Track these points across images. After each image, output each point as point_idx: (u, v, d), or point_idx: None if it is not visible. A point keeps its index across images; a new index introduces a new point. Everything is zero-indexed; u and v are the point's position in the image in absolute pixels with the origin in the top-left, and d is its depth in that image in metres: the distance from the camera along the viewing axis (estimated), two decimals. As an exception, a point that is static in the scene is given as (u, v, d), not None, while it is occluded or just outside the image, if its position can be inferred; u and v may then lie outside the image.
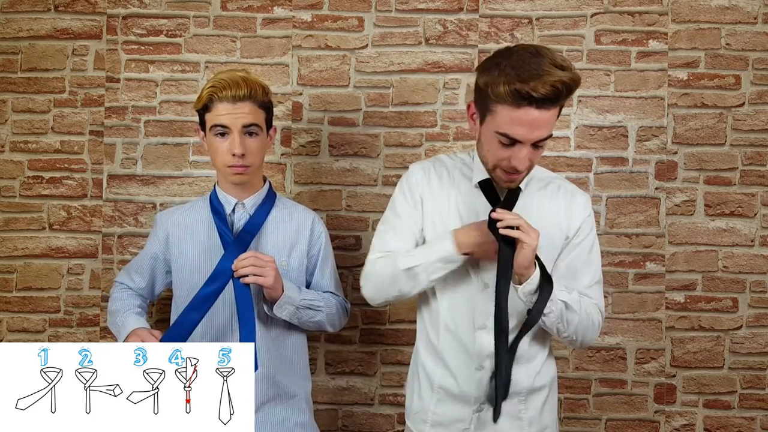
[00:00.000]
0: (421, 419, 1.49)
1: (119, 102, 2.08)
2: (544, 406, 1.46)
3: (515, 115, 1.22)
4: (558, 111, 1.27)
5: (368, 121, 2.08)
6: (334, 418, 2.07)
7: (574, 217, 1.43)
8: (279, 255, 1.58)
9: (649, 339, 2.04)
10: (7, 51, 2.09)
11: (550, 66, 1.20)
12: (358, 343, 2.08)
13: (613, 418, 2.05)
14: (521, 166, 1.28)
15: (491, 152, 1.31)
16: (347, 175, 2.08)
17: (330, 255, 1.72)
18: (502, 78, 1.21)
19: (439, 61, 2.07)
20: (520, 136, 1.24)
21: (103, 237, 2.08)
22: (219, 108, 1.50)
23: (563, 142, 2.06)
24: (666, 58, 2.05)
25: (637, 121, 2.05)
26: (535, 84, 1.18)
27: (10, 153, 2.08)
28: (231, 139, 1.50)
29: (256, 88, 1.52)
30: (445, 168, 1.48)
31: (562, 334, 1.38)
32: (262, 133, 1.55)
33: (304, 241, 1.64)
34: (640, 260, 2.05)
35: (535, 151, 1.28)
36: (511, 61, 1.23)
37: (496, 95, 1.23)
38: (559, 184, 1.47)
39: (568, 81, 1.20)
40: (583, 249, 1.43)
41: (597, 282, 1.45)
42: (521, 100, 1.20)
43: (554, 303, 1.32)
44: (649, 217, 2.05)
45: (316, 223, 1.68)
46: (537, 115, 1.22)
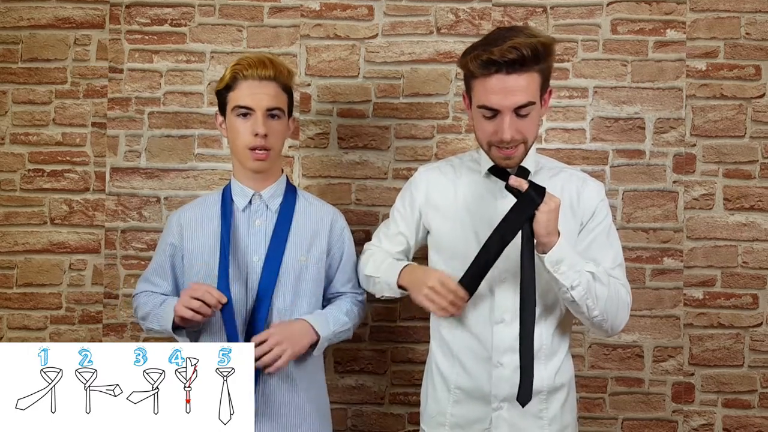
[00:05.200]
0: (438, 422, 1.47)
1: (122, 93, 2.05)
2: (565, 405, 1.44)
3: (488, 84, 1.26)
4: (538, 78, 1.28)
5: (378, 112, 2.05)
6: (344, 417, 2.04)
7: (587, 202, 1.42)
8: (297, 251, 1.53)
9: (666, 336, 2.01)
10: (7, 41, 2.06)
11: (518, 33, 1.26)
12: (368, 341, 2.05)
13: (630, 417, 2.02)
14: (507, 135, 1.28)
15: (480, 130, 1.34)
16: (357, 168, 2.05)
17: (353, 253, 1.66)
18: (473, 53, 1.27)
19: (452, 51, 2.04)
20: (497, 104, 1.27)
21: (106, 232, 2.05)
22: (243, 87, 1.45)
23: (578, 134, 2.03)
24: (684, 47, 2.02)
25: (655, 112, 2.02)
26: (499, 49, 1.23)
27: (10, 145, 2.06)
28: (254, 119, 1.44)
29: (281, 70, 1.48)
30: (451, 166, 1.52)
31: (592, 313, 1.34)
32: (284, 117, 1.50)
33: (324, 237, 1.58)
34: (657, 255, 2.02)
35: (521, 121, 1.29)
36: (484, 39, 1.31)
37: (471, 72, 1.29)
38: (570, 172, 1.48)
39: (535, 43, 1.24)
40: (600, 232, 1.42)
41: (619, 265, 1.43)
42: (490, 67, 1.25)
43: (581, 274, 1.30)
44: (667, 211, 2.02)
45: (337, 219, 1.62)
46: (509, 81, 1.25)
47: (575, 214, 1.42)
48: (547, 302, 1.41)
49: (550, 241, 1.27)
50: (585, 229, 1.42)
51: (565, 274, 1.29)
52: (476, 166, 1.47)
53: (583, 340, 2.02)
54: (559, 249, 1.28)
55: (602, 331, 1.40)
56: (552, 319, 1.43)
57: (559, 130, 2.03)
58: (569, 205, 1.41)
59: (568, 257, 1.29)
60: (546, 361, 1.41)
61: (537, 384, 1.38)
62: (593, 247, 1.41)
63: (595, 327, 1.40)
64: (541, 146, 2.02)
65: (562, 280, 1.29)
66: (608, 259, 1.40)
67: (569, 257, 1.29)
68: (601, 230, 1.42)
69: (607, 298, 1.34)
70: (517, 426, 1.40)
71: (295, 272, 1.51)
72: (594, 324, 1.38)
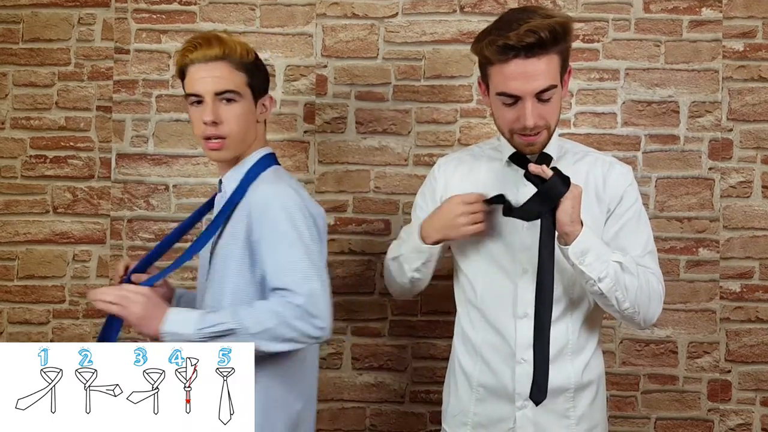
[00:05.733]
0: (461, 422, 1.45)
1: (129, 75, 2.02)
2: (593, 403, 1.41)
3: (506, 70, 1.24)
4: (557, 60, 1.27)
5: (398, 95, 2.01)
6: (362, 417, 2.01)
7: (614, 187, 1.39)
8: (234, 246, 1.36)
9: (702, 331, 1.98)
10: (7, 20, 2.03)
11: (533, 15, 1.24)
12: (387, 336, 2.01)
13: (664, 417, 1.98)
14: (530, 122, 1.26)
15: (501, 118, 1.33)
16: (375, 155, 2.01)
17: (277, 237, 1.30)
18: (488, 39, 1.25)
19: (475, 31, 1.94)
20: (517, 90, 1.25)
21: (112, 221, 2.03)
22: (191, 72, 1.34)
23: (609, 118, 1.99)
24: (720, 27, 1.98)
25: (689, 95, 1.98)
26: (516, 33, 1.21)
27: (10, 130, 2.03)
28: (204, 106, 1.35)
29: (232, 47, 1.35)
30: (472, 155, 1.51)
31: (622, 305, 1.31)
32: (242, 99, 1.36)
33: (243, 224, 1.34)
34: (692, 246, 1.98)
35: (543, 106, 1.27)
36: (497, 23, 1.28)
37: (487, 58, 1.27)
38: (596, 156, 1.45)
39: (553, 24, 1.22)
40: (629, 218, 1.39)
41: (650, 252, 1.39)
42: (508, 52, 1.23)
43: (608, 265, 1.27)
44: (702, 199, 1.98)
45: (257, 201, 1.34)
46: (528, 65, 1.23)
47: (601, 201, 1.39)
48: (573, 296, 1.38)
49: (574, 230, 1.26)
50: (612, 216, 1.39)
51: (591, 266, 1.26)
52: (497, 154, 1.45)
53: (614, 335, 1.98)
54: (585, 239, 1.26)
55: (635, 323, 1.37)
56: (578, 314, 1.40)
57: (589, 114, 1.99)
58: (594, 192, 1.39)
59: (593, 248, 1.27)
60: (573, 357, 1.38)
61: (563, 381, 1.36)
62: (621, 235, 1.38)
63: (626, 320, 1.37)
64: (570, 131, 1.98)
65: (588, 272, 1.26)
66: (638, 246, 1.37)
67: (595, 247, 1.27)
68: (630, 216, 1.39)
69: (637, 289, 1.31)
70: (542, 425, 1.37)
71: (223, 261, 1.37)
72: (625, 317, 1.35)
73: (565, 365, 1.36)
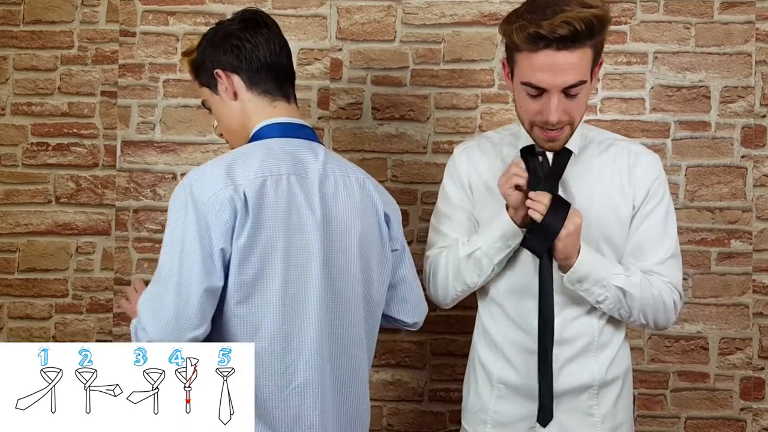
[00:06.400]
0: (481, 419, 1.43)
1: (135, 59, 2.01)
2: (618, 401, 1.39)
3: (535, 60, 1.20)
4: (590, 54, 1.22)
5: (416, 80, 1.99)
6: (378, 416, 1.98)
7: (640, 182, 1.36)
8: None
9: (734, 327, 1.94)
10: (8, 1, 2.02)
11: (570, 3, 1.19)
12: (404, 332, 1.97)
13: (694, 416, 1.95)
14: (554, 118, 1.23)
15: (523, 108, 1.29)
16: (393, 142, 2.00)
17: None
18: (518, 23, 1.20)
19: (497, 13, 1.97)
20: (544, 83, 1.21)
21: (117, 211, 2.02)
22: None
23: (637, 104, 1.96)
24: (753, 9, 1.94)
25: (721, 80, 1.95)
26: (549, 23, 1.16)
27: (11, 116, 2.02)
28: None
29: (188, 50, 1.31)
30: (491, 143, 1.47)
31: (626, 319, 1.34)
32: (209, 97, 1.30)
33: None
34: (724, 238, 1.95)
35: (569, 101, 1.23)
36: (530, 5, 1.23)
37: (515, 44, 1.22)
38: (622, 145, 1.41)
39: (589, 17, 1.16)
40: (655, 218, 1.36)
41: (671, 256, 1.37)
42: (538, 42, 1.18)
43: (608, 289, 1.29)
44: (735, 188, 1.95)
45: None
46: (558, 58, 1.18)
47: (626, 196, 1.36)
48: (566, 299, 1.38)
49: (568, 263, 1.27)
50: (638, 214, 1.36)
51: (589, 291, 1.29)
52: (516, 141, 1.42)
53: (642, 330, 1.93)
54: (581, 267, 1.27)
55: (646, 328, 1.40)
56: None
57: (616, 99, 1.96)
58: (620, 186, 1.36)
59: (591, 274, 1.27)
60: (597, 353, 1.37)
61: (588, 378, 1.35)
62: (644, 240, 1.36)
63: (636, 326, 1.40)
64: (596, 117, 1.94)
65: (586, 297, 1.30)
66: (660, 251, 1.36)
67: (593, 273, 1.27)
68: (657, 216, 1.36)
69: (643, 305, 1.32)
70: (565, 424, 1.35)
71: None
72: (634, 325, 1.38)
73: (588, 362, 1.35)
